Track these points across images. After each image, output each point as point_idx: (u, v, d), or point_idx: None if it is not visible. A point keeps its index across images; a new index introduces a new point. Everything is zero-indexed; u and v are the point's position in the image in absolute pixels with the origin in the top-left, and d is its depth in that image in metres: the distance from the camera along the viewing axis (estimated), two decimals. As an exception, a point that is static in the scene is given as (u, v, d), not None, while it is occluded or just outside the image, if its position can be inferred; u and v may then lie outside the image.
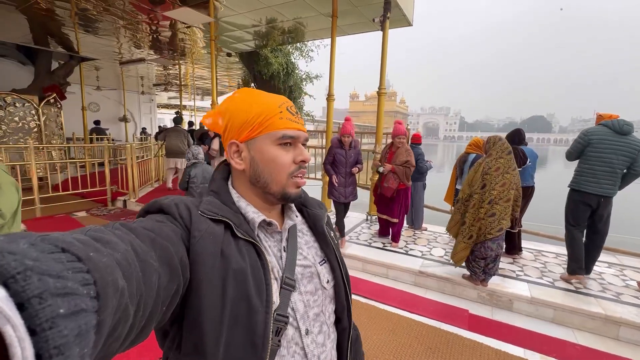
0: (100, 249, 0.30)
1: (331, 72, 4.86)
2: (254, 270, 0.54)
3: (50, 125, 7.37)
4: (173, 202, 0.54)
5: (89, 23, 6.39)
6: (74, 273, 0.24)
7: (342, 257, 0.71)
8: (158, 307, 0.39)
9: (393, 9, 4.37)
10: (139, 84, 13.53)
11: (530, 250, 3.79)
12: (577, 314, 2.56)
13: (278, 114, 0.60)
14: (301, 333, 0.59)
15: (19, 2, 5.38)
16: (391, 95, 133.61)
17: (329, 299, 0.67)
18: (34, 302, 0.19)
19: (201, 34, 6.75)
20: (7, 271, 0.19)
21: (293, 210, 0.68)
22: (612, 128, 2.82)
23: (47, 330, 0.19)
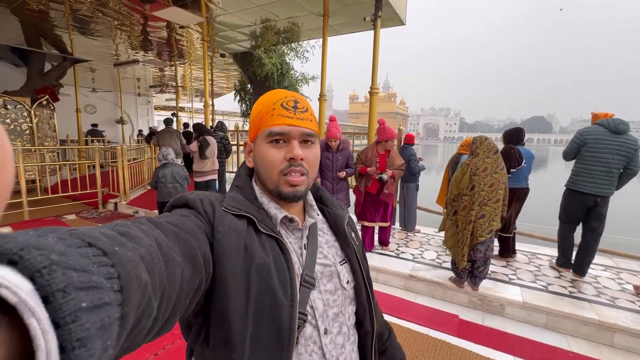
0: (125, 244, 0.31)
1: (323, 73, 4.79)
2: (277, 264, 0.55)
3: (43, 128, 7.31)
4: (198, 197, 0.56)
5: (82, 24, 6.34)
6: (99, 267, 0.24)
7: (364, 259, 0.70)
8: (181, 301, 0.40)
9: (384, 7, 4.31)
10: (136, 85, 13.50)
11: (524, 252, 3.70)
12: (570, 320, 2.47)
13: (270, 110, 0.60)
14: (320, 332, 0.59)
15: (10, 2, 5.33)
16: (391, 96, 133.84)
17: (348, 300, 0.66)
18: (57, 295, 0.19)
19: (196, 34, 6.70)
20: (33, 265, 0.19)
21: (315, 209, 0.68)
22: (608, 127, 2.79)
23: (70, 324, 0.19)
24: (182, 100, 17.89)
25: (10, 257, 0.19)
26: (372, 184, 3.37)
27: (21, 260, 0.19)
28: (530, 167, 3.34)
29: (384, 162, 3.38)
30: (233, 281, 0.49)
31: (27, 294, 0.18)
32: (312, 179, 0.64)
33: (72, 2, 5.23)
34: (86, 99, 12.19)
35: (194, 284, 0.43)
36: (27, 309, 0.18)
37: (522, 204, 3.35)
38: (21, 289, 0.18)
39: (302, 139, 0.61)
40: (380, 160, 3.38)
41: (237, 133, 6.96)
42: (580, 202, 2.92)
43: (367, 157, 3.40)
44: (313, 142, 0.63)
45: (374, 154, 3.39)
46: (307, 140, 0.62)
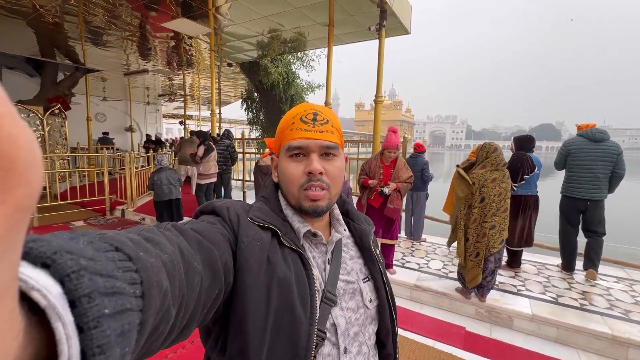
0: (149, 250, 0.31)
1: (328, 81, 4.82)
2: (298, 279, 0.54)
3: (54, 136, 7.49)
4: (225, 205, 0.56)
5: (94, 35, 6.53)
6: (124, 272, 0.25)
7: (388, 278, 0.68)
8: (199, 309, 0.40)
9: (389, 17, 4.34)
10: (145, 94, 13.78)
11: (533, 263, 3.62)
12: (582, 334, 2.39)
13: (290, 125, 0.60)
14: (339, 351, 0.57)
15: (25, 15, 5.53)
16: (397, 104, 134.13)
17: (370, 319, 0.64)
18: (83, 300, 0.20)
19: (204, 44, 6.84)
20: (64, 270, 0.20)
21: (341, 224, 0.67)
22: (587, 137, 3.12)
23: (92, 329, 0.19)
24: (190, 108, 18.20)
25: (44, 260, 0.20)
26: (375, 196, 3.13)
27: (53, 264, 0.20)
28: (539, 175, 3.29)
29: (388, 174, 3.10)
30: (254, 293, 0.49)
31: (56, 298, 0.19)
32: (334, 193, 0.61)
33: (86, 14, 5.40)
34: (97, 107, 12.47)
35: (212, 293, 0.43)
36: (55, 313, 0.18)
37: (537, 212, 3.27)
38: (51, 293, 0.18)
39: (322, 152, 0.60)
40: (384, 172, 3.11)
41: (243, 141, 7.02)
42: (573, 207, 3.21)
43: (371, 169, 3.16)
44: (335, 155, 0.61)
45: (377, 165, 3.13)
46: (329, 153, 0.60)
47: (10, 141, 0.13)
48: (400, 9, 4.45)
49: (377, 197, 3.11)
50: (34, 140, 0.14)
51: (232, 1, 4.45)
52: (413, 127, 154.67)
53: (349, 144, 6.16)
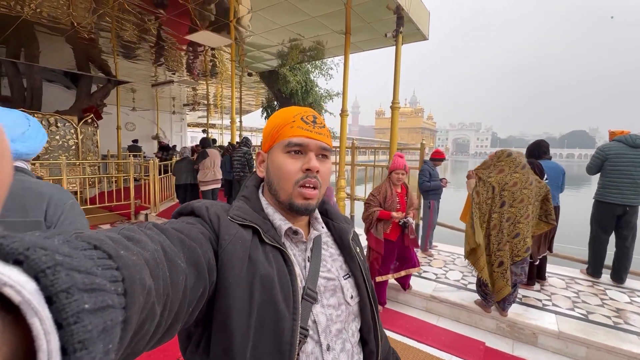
0: (130, 248, 0.31)
1: (345, 89, 4.84)
2: (280, 276, 0.54)
3: (87, 143, 7.94)
4: (204, 205, 0.56)
5: (126, 49, 6.95)
6: (104, 270, 0.24)
7: (368, 274, 0.70)
8: (184, 308, 0.39)
9: (406, 23, 4.33)
10: (171, 104, 14.41)
11: (561, 276, 3.40)
12: (614, 354, 2.21)
13: (290, 122, 0.61)
14: (322, 348, 0.57)
15: (64, 32, 5.97)
16: (418, 111, 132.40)
17: (352, 316, 0.65)
18: (61, 296, 0.19)
19: (226, 55, 7.09)
20: (38, 265, 0.19)
21: (319, 222, 0.68)
22: (626, 143, 3.10)
23: (72, 325, 0.19)
24: (213, 117, 18.82)
25: (16, 257, 0.19)
26: (391, 228, 2.77)
27: (26, 260, 0.19)
28: (561, 183, 3.13)
29: (403, 202, 2.81)
30: (236, 290, 0.49)
31: (31, 294, 0.18)
32: (322, 193, 0.64)
33: (118, 30, 5.76)
34: (126, 117, 13.15)
35: (197, 291, 0.43)
36: (31, 309, 0.18)
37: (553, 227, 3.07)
38: (25, 289, 0.18)
39: (319, 153, 0.62)
40: (400, 199, 2.79)
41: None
42: (610, 212, 3.16)
43: (387, 198, 2.76)
44: (328, 157, 0.64)
45: (393, 193, 2.76)
46: (324, 155, 0.63)
47: None
48: (418, 15, 4.41)
49: (394, 230, 2.78)
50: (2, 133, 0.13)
51: (252, 13, 4.60)
52: (435, 135, 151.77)
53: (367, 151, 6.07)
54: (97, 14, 5.06)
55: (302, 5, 4.25)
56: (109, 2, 4.63)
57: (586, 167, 3.45)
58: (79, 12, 5.05)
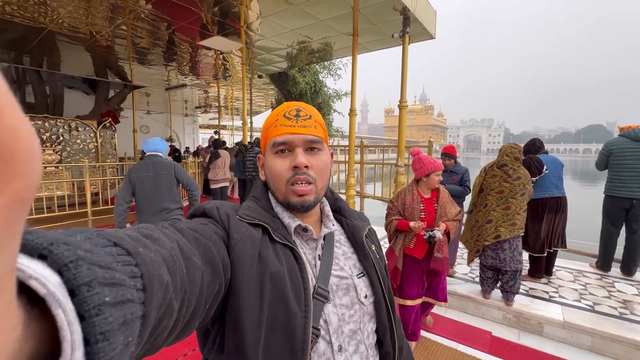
0: (148, 245, 0.32)
1: (353, 89, 4.95)
2: (291, 274, 0.54)
3: (106, 146, 8.27)
4: (215, 205, 0.57)
5: (140, 55, 7.23)
6: (123, 266, 0.25)
7: (383, 273, 0.67)
8: (201, 304, 0.40)
9: (412, 23, 4.40)
10: (183, 107, 14.77)
11: (569, 270, 3.45)
12: (619, 343, 2.27)
13: (274, 122, 0.61)
14: (333, 349, 0.56)
15: (85, 41, 6.27)
16: (428, 108, 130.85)
17: (368, 317, 0.63)
18: (83, 289, 0.20)
19: (236, 59, 7.30)
20: (61, 260, 0.20)
21: (331, 219, 0.67)
22: (629, 137, 3.17)
23: (94, 317, 0.20)
24: (224, 119, 19.16)
25: (40, 252, 0.20)
26: (416, 244, 2.23)
27: (50, 255, 0.20)
28: (560, 175, 3.18)
29: (431, 210, 2.24)
30: (247, 288, 0.49)
31: (55, 287, 0.19)
32: (321, 187, 0.62)
33: (133, 37, 6.02)
34: (141, 120, 13.57)
35: (213, 289, 0.44)
36: (55, 301, 0.18)
37: (560, 218, 3.12)
38: (49, 282, 0.19)
39: (306, 147, 0.61)
40: (426, 207, 2.24)
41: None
42: (617, 206, 3.23)
43: (406, 205, 2.24)
44: (320, 149, 0.62)
45: (414, 199, 2.23)
46: (313, 148, 0.61)
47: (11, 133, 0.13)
48: (424, 14, 4.49)
49: (419, 245, 2.22)
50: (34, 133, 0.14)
51: (262, 18, 4.76)
52: (446, 132, 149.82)
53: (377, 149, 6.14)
54: (114, 24, 5.31)
55: (311, 9, 4.39)
56: (126, 12, 4.86)
57: (595, 163, 3.54)
58: (97, 22, 5.31)
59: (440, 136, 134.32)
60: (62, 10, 4.86)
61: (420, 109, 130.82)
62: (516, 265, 2.62)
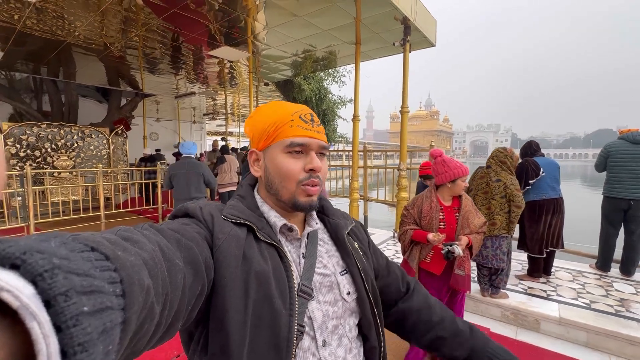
0: (128, 248, 0.31)
1: (356, 96, 5.12)
2: (276, 272, 0.55)
3: (117, 153, 8.57)
4: (198, 206, 0.58)
5: (151, 65, 7.52)
6: (101, 271, 0.25)
7: (365, 270, 0.68)
8: (184, 306, 0.40)
9: (413, 32, 4.57)
10: (191, 114, 15.12)
11: (569, 270, 3.51)
12: (613, 338, 2.34)
13: (289, 122, 0.61)
14: (317, 344, 0.58)
15: (99, 52, 6.57)
16: (433, 114, 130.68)
17: (349, 312, 0.65)
18: (59, 299, 0.19)
19: (243, 67, 7.54)
20: (35, 269, 0.19)
21: (314, 218, 0.68)
22: (627, 139, 3.26)
23: (71, 328, 0.19)
24: (231, 125, 19.51)
25: (12, 261, 0.19)
26: (433, 258, 1.97)
27: (23, 264, 0.19)
28: (556, 177, 3.23)
29: (452, 219, 1.97)
30: (232, 288, 0.49)
31: (29, 298, 0.18)
32: (321, 189, 0.65)
33: (145, 48, 6.29)
34: (150, 127, 13.90)
35: (196, 290, 0.44)
36: (29, 313, 0.18)
37: (557, 219, 3.19)
38: (23, 293, 0.18)
39: (318, 151, 0.63)
40: (446, 216, 1.97)
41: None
42: (615, 207, 3.30)
43: (423, 212, 1.99)
44: (325, 155, 0.66)
45: (434, 207, 1.97)
46: (323, 153, 0.64)
47: None
48: (424, 23, 4.65)
49: (436, 260, 1.95)
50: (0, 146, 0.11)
51: (268, 29, 4.97)
52: (452, 137, 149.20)
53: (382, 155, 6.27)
54: (127, 37, 5.58)
55: (315, 20, 4.58)
56: (138, 25, 5.12)
57: (594, 165, 3.62)
58: (111, 34, 5.59)
59: (446, 142, 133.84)
60: (78, 24, 5.13)
61: (425, 115, 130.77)
62: (499, 264, 2.72)
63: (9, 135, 6.54)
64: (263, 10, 4.39)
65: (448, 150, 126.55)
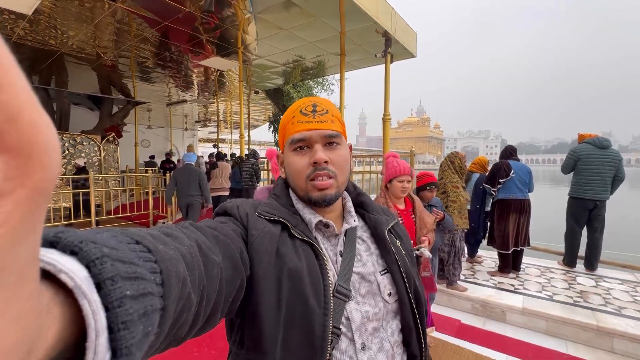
0: (168, 243, 0.33)
1: (341, 103, 5.37)
2: (310, 270, 0.54)
3: (109, 160, 8.64)
4: (235, 204, 0.58)
5: (143, 73, 7.69)
6: (144, 262, 0.27)
7: (408, 270, 0.64)
8: (222, 298, 0.42)
9: (393, 44, 4.85)
10: (183, 121, 15.26)
11: (537, 267, 3.75)
12: (570, 325, 2.56)
13: (291, 119, 0.61)
14: (356, 347, 0.56)
15: (92, 62, 6.72)
16: (424, 120, 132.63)
17: (392, 314, 0.62)
18: (107, 283, 0.22)
19: (234, 76, 7.76)
20: (89, 256, 0.22)
21: (352, 215, 0.66)
22: (594, 144, 3.47)
23: (116, 308, 0.22)
24: (223, 132, 19.66)
25: (72, 248, 0.22)
26: None
27: (80, 252, 0.22)
28: (526, 181, 3.47)
29: (410, 222, 1.94)
30: (264, 284, 0.50)
31: (82, 280, 0.21)
32: (342, 181, 0.62)
33: (137, 57, 6.47)
34: (142, 134, 13.96)
35: (235, 283, 0.45)
36: (81, 292, 0.20)
37: (524, 218, 3.43)
38: (77, 275, 0.21)
39: (325, 142, 0.60)
40: (405, 220, 1.92)
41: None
42: (582, 207, 3.52)
43: None
44: (338, 143, 0.62)
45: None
46: (332, 142, 0.61)
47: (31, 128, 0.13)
48: (404, 36, 4.94)
49: None
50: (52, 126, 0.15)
51: (258, 41, 5.21)
52: (443, 143, 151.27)
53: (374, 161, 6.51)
54: (120, 47, 5.76)
55: (300, 33, 4.84)
56: (131, 36, 5.30)
57: (560, 167, 3.85)
58: (104, 44, 5.76)
59: (437, 148, 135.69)
60: (71, 33, 5.28)
61: (416, 121, 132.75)
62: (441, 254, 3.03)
63: (0, 143, 6.59)
64: (253, 23, 4.63)
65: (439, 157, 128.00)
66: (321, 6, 4.01)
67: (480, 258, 4.02)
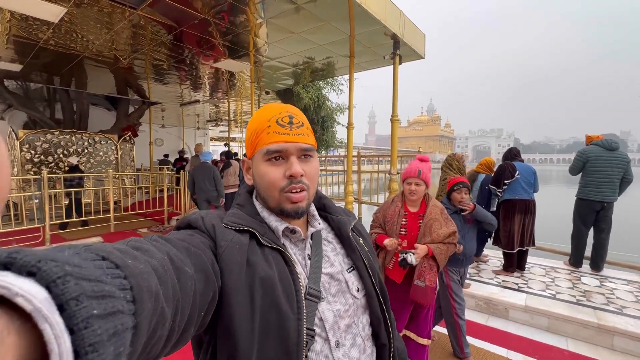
0: (138, 257, 0.33)
1: (350, 104, 5.48)
2: (281, 276, 0.54)
3: (125, 158, 8.97)
4: (199, 216, 0.57)
5: (157, 75, 7.95)
6: (112, 278, 0.26)
7: (372, 265, 0.68)
8: (195, 312, 0.41)
9: (402, 46, 4.93)
10: (195, 120, 15.60)
11: (543, 266, 3.80)
12: (571, 323, 2.63)
13: (266, 128, 0.60)
14: (331, 345, 0.57)
15: (111, 65, 7.01)
16: (435, 119, 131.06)
17: (361, 309, 0.64)
18: (71, 304, 0.21)
19: (246, 77, 7.96)
20: (49, 276, 0.21)
21: (316, 218, 0.67)
22: (603, 146, 3.49)
23: (82, 330, 0.21)
24: (233, 131, 19.98)
25: (29, 269, 0.21)
26: (395, 265, 1.87)
27: (39, 272, 0.21)
28: (530, 182, 3.53)
29: (414, 226, 1.88)
30: (237, 295, 0.49)
31: (41, 302, 0.19)
32: (312, 193, 0.63)
33: (152, 59, 6.71)
34: (156, 133, 14.36)
35: (207, 296, 0.45)
36: (41, 316, 0.19)
37: (529, 219, 3.49)
38: (35, 298, 0.19)
39: (300, 155, 0.61)
40: (409, 222, 1.89)
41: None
42: (590, 208, 3.55)
43: (387, 217, 1.94)
44: (312, 156, 0.63)
45: (397, 212, 1.91)
46: (307, 155, 0.61)
47: None
48: (412, 38, 5.02)
49: (397, 267, 1.83)
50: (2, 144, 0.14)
51: (269, 43, 5.37)
52: (454, 142, 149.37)
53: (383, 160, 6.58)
54: (136, 51, 5.99)
55: (311, 37, 4.97)
56: (147, 40, 5.52)
57: (569, 168, 3.86)
58: (122, 47, 6.00)
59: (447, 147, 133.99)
60: (91, 37, 5.53)
61: (427, 120, 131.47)
62: None
63: (25, 142, 6.96)
64: (265, 27, 4.78)
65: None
66: (331, 11, 4.13)
67: (485, 257, 4.09)
